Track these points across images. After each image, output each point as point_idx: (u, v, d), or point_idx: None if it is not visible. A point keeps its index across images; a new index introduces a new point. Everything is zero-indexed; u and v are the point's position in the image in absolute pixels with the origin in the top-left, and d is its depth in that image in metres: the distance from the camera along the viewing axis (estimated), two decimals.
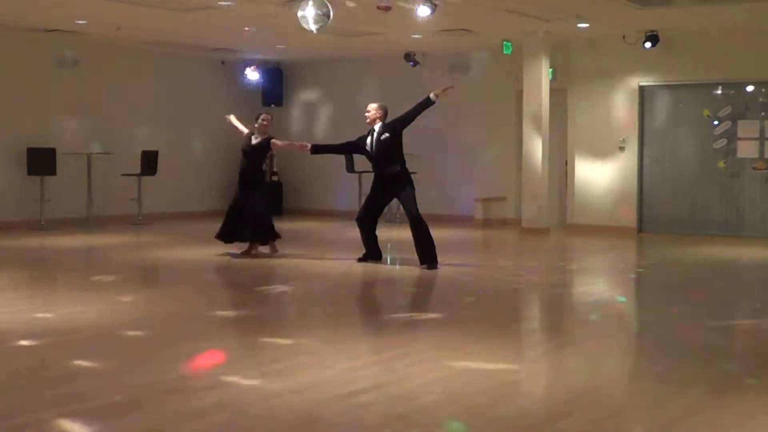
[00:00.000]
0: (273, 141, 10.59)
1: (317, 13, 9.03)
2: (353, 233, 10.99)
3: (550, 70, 14.07)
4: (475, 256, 11.56)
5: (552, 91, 14.05)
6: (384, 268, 9.80)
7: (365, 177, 15.02)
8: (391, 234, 11.76)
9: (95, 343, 6.04)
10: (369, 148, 9.84)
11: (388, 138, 9.72)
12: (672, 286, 9.21)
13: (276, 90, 17.64)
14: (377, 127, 9.82)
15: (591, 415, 4.45)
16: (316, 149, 10.55)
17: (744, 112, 13.41)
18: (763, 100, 13.31)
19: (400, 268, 9.90)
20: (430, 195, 13.67)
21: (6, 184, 13.89)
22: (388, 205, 10.69)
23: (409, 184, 9.79)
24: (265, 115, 10.67)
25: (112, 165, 14.77)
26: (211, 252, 10.81)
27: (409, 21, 11.60)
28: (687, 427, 4.27)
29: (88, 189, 14.47)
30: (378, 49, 15.31)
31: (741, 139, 13.37)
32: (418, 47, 15.29)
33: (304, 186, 17.69)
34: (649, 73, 14.00)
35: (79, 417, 4.32)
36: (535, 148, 13.89)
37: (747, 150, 13.34)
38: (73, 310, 7.26)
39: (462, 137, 15.88)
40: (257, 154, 10.61)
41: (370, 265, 9.93)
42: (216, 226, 10.78)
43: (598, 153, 14.42)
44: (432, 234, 9.72)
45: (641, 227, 14.18)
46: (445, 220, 14.61)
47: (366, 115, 9.94)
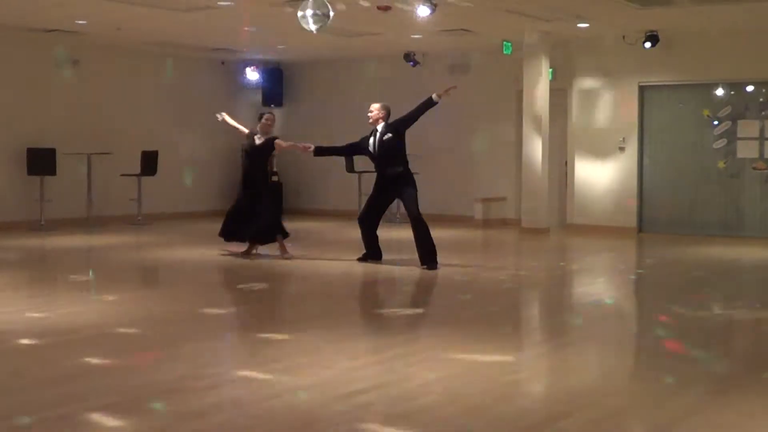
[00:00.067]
0: (277, 141, 10.48)
1: (317, 13, 9.03)
2: (353, 233, 10.99)
3: (550, 70, 14.07)
4: (475, 257, 11.56)
5: (552, 91, 14.04)
6: (384, 268, 9.79)
7: (365, 177, 15.03)
8: (391, 234, 11.76)
9: (95, 343, 6.04)
10: (372, 149, 9.82)
11: (390, 138, 9.69)
12: (672, 286, 9.21)
13: (276, 90, 17.65)
14: (380, 127, 9.79)
15: (591, 415, 4.45)
16: (319, 151, 10.43)
17: (744, 112, 13.41)
18: (763, 100, 13.31)
19: (401, 268, 9.90)
20: (430, 195, 13.66)
21: (6, 184, 13.89)
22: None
23: (412, 184, 9.76)
24: (269, 115, 10.60)
25: (112, 165, 14.76)
26: (211, 252, 10.81)
27: (409, 21, 11.61)
28: (687, 427, 4.27)
29: (88, 189, 14.46)
30: (378, 49, 15.31)
31: (741, 139, 13.37)
32: (418, 47, 15.30)
33: (304, 186, 17.69)
34: (649, 73, 13.99)
35: (79, 417, 4.32)
36: (535, 148, 13.89)
37: (747, 150, 13.34)
38: (73, 310, 7.26)
39: (462, 137, 15.88)
40: (261, 155, 10.49)
41: (371, 265, 9.93)
42: (216, 226, 10.79)
43: (598, 153, 14.42)
44: (432, 234, 9.72)
45: (641, 227, 14.18)
46: (445, 220, 14.61)
47: (368, 115, 9.91)
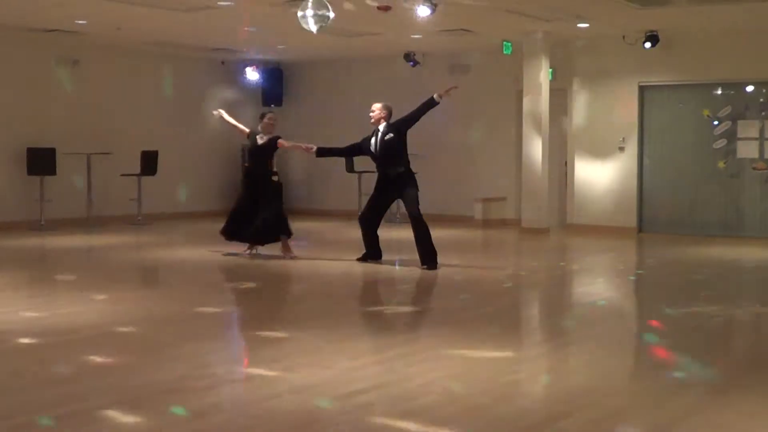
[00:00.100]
0: (280, 141, 10.45)
1: (317, 13, 9.03)
2: (353, 233, 11.00)
3: (550, 70, 14.07)
4: (475, 257, 11.56)
5: (552, 91, 14.04)
6: (384, 268, 9.79)
7: (365, 177, 15.03)
8: (391, 234, 11.75)
9: (95, 343, 6.03)
10: (373, 149, 9.80)
11: (392, 138, 9.68)
12: (672, 286, 9.21)
13: (276, 90, 17.64)
14: (381, 127, 9.77)
15: (591, 415, 4.45)
16: (322, 152, 10.41)
17: (744, 112, 13.40)
18: (763, 100, 13.31)
19: (401, 268, 9.90)
20: (430, 195, 13.66)
21: (6, 184, 13.89)
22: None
23: (413, 184, 9.74)
24: (271, 114, 10.58)
25: (112, 165, 14.76)
26: (211, 252, 10.80)
27: (409, 21, 11.60)
28: (687, 427, 4.27)
29: (88, 189, 14.46)
30: (378, 49, 15.31)
31: (741, 139, 13.37)
32: (418, 47, 15.29)
33: (303, 186, 17.69)
34: (649, 73, 13.99)
35: (79, 417, 4.32)
36: (535, 148, 13.89)
37: (747, 150, 13.33)
38: (73, 310, 7.26)
39: (462, 137, 15.87)
40: (264, 155, 10.46)
41: (370, 265, 9.93)
42: (215, 226, 10.78)
43: (598, 153, 14.42)
44: (432, 234, 9.71)
45: (641, 227, 14.18)
46: (445, 220, 14.61)
47: (370, 114, 9.89)
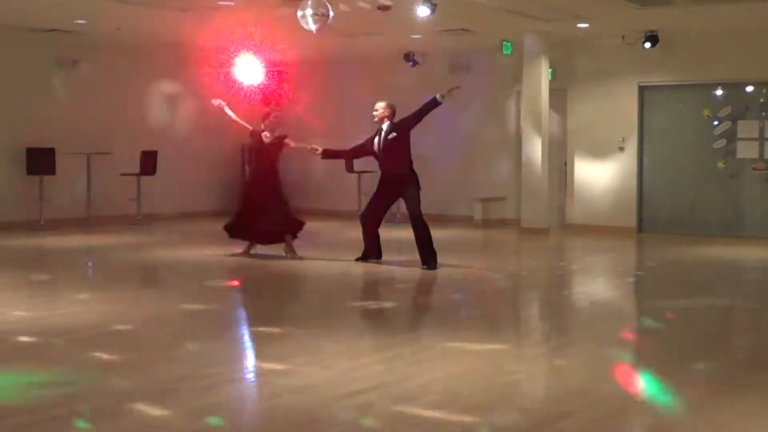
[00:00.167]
0: (287, 141, 10.40)
1: (317, 13, 9.02)
2: (353, 233, 10.99)
3: (550, 70, 14.06)
4: (474, 257, 11.55)
5: (552, 91, 14.03)
6: (384, 268, 9.79)
7: (365, 177, 15.03)
8: (391, 234, 11.75)
9: (95, 342, 6.03)
10: (376, 148, 9.78)
11: (395, 137, 9.66)
12: (672, 286, 9.21)
13: (275, 90, 17.61)
14: (385, 126, 9.76)
15: (591, 415, 4.45)
16: (327, 154, 10.43)
17: (744, 113, 13.40)
18: (762, 100, 13.31)
19: (401, 268, 9.89)
20: (429, 195, 13.63)
21: (5, 184, 13.87)
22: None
23: (415, 184, 9.72)
24: (276, 113, 10.58)
25: (112, 165, 14.75)
26: (211, 252, 10.80)
27: (408, 21, 11.59)
28: (687, 427, 4.27)
29: (88, 189, 14.45)
30: (378, 49, 15.30)
31: (741, 139, 13.36)
32: (418, 47, 15.28)
33: (303, 186, 17.66)
34: (648, 73, 13.98)
35: (78, 417, 4.32)
36: (535, 148, 13.89)
37: (747, 150, 13.33)
38: (72, 310, 7.26)
39: (462, 137, 15.86)
40: (271, 153, 10.40)
41: (370, 265, 9.92)
42: (215, 226, 10.77)
43: (598, 153, 14.42)
44: (432, 234, 9.71)
45: (641, 227, 14.17)
46: (444, 220, 14.60)
47: (374, 113, 9.86)
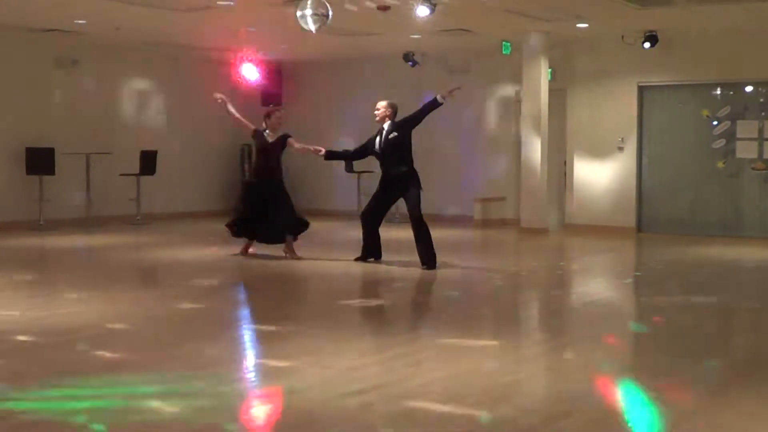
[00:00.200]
0: (290, 140, 10.39)
1: (316, 13, 9.02)
2: (353, 233, 10.99)
3: (550, 70, 14.07)
4: (474, 257, 11.56)
5: (551, 91, 14.04)
6: (383, 268, 9.79)
7: (364, 177, 15.04)
8: (391, 234, 11.74)
9: (95, 343, 6.03)
10: (377, 147, 9.77)
11: (396, 137, 9.65)
12: (671, 286, 9.21)
13: (275, 90, 17.62)
14: (386, 125, 9.75)
15: (591, 415, 4.46)
16: (330, 155, 10.43)
17: (743, 113, 13.41)
18: (762, 100, 13.32)
19: (400, 268, 9.89)
20: (429, 195, 13.63)
21: (5, 184, 13.88)
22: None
23: (416, 184, 9.70)
24: (279, 113, 10.56)
25: (111, 165, 14.76)
26: (210, 252, 10.80)
27: (408, 21, 11.60)
28: (687, 427, 4.27)
29: (87, 189, 14.46)
30: (377, 49, 15.31)
31: (740, 139, 13.37)
32: (418, 47, 15.28)
33: (303, 186, 17.66)
34: (648, 73, 13.99)
35: (78, 417, 4.32)
36: (535, 148, 13.89)
37: (746, 150, 13.34)
38: (72, 310, 7.26)
39: (461, 137, 15.88)
40: (275, 152, 10.38)
41: (370, 265, 9.93)
42: (215, 226, 10.79)
43: (597, 153, 14.43)
44: (432, 234, 9.71)
45: (640, 227, 14.18)
46: (444, 220, 14.61)
47: (375, 112, 9.85)
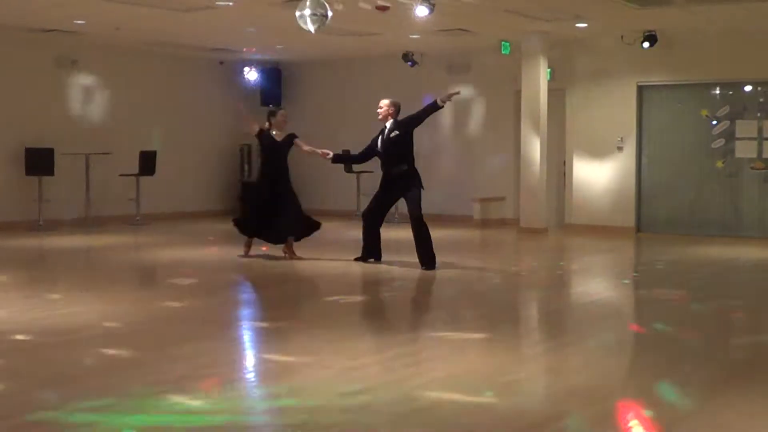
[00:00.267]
0: (298, 141, 10.38)
1: (315, 13, 9.02)
2: (353, 233, 10.99)
3: (549, 70, 14.07)
4: (473, 257, 11.56)
5: (550, 91, 14.05)
6: (383, 268, 9.79)
7: (364, 177, 15.04)
8: (391, 234, 11.74)
9: (95, 343, 6.03)
10: (379, 146, 9.77)
11: (398, 136, 9.64)
12: (671, 286, 9.21)
13: (274, 90, 17.61)
14: (389, 124, 9.74)
15: (591, 415, 4.46)
16: (337, 158, 10.50)
17: (742, 112, 13.41)
18: (761, 99, 13.32)
19: (400, 268, 9.89)
20: (428, 195, 13.62)
21: (4, 184, 13.88)
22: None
23: (416, 184, 9.69)
24: (283, 111, 10.56)
25: (111, 165, 14.75)
26: (209, 252, 10.80)
27: (407, 21, 11.60)
28: (687, 427, 4.27)
29: (87, 189, 14.45)
30: (376, 49, 15.31)
31: (739, 138, 13.38)
32: (417, 47, 15.28)
33: (303, 186, 17.63)
34: (647, 73, 13.99)
35: (78, 417, 4.32)
36: (534, 148, 13.89)
37: (745, 150, 13.34)
38: (72, 310, 7.26)
39: (461, 137, 15.88)
40: (282, 152, 10.36)
41: (369, 266, 9.92)
42: (214, 226, 10.79)
43: (597, 153, 14.43)
44: (431, 234, 9.71)
45: (639, 227, 14.18)
46: (443, 220, 14.61)
47: (378, 111, 9.83)
